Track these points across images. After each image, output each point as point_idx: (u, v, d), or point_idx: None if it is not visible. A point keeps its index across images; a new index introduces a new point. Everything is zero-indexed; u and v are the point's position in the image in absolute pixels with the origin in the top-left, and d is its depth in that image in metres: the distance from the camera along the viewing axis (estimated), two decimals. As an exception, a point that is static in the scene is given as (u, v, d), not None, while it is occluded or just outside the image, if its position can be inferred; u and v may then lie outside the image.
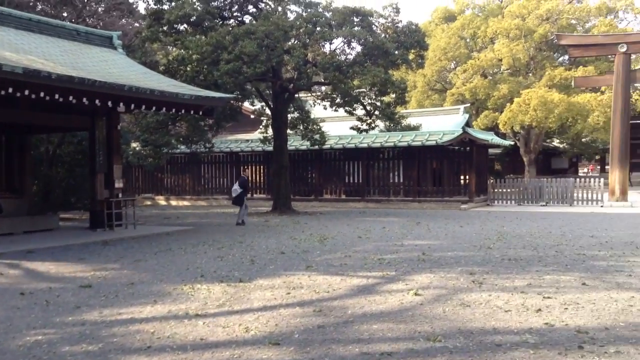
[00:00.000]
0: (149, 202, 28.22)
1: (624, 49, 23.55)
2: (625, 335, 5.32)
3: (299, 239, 12.90)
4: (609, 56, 28.45)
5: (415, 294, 7.15)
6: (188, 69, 19.04)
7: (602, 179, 24.83)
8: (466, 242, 12.18)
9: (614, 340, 5.18)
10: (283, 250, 11.04)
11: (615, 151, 23.88)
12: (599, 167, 52.13)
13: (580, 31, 35.68)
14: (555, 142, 46.18)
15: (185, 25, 19.98)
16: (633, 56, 31.82)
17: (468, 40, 40.13)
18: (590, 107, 31.97)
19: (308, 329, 5.72)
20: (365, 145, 24.63)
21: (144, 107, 15.05)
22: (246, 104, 24.89)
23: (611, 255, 10.03)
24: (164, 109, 15.22)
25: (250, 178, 27.59)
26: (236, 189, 17.45)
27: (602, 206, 22.74)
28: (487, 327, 5.68)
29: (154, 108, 15.39)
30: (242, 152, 27.33)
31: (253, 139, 27.09)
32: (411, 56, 21.21)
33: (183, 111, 15.98)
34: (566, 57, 36.29)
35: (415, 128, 24.55)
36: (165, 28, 19.56)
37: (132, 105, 14.46)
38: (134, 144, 23.25)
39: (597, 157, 49.95)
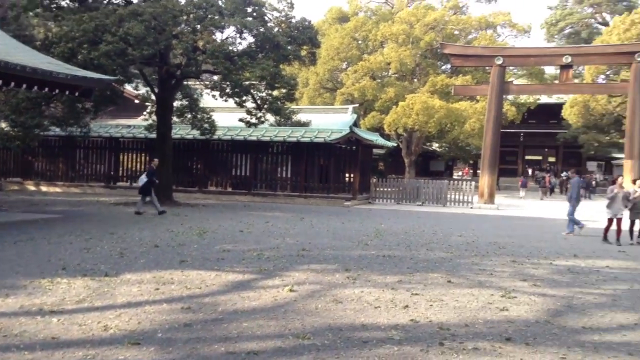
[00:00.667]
0: (16, 187, 26.05)
1: (500, 62, 25.22)
2: (483, 332, 5.59)
3: (176, 231, 12.44)
4: (486, 67, 30.33)
5: (290, 290, 7.09)
6: (68, 46, 17.74)
7: (473, 182, 26.48)
8: (346, 238, 12.39)
9: (472, 336, 5.43)
10: (157, 244, 10.57)
11: (486, 156, 25.52)
12: (471, 170, 55.58)
13: (462, 42, 37.76)
14: (435, 146, 48.60)
15: (67, 1, 18.59)
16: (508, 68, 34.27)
17: (360, 42, 41.09)
18: (467, 114, 33.96)
19: (173, 327, 5.46)
20: (255, 138, 24.39)
21: (13, 84, 13.76)
22: (130, 88, 23.68)
23: (476, 255, 10.64)
24: (36, 87, 13.99)
25: (130, 166, 26.42)
26: (142, 178, 16.97)
27: (471, 207, 24.22)
28: (356, 324, 5.74)
29: (24, 86, 14.10)
30: (122, 138, 25.97)
31: (136, 125, 25.85)
32: (304, 52, 21.26)
33: (57, 91, 14.80)
34: (449, 65, 38.26)
35: (305, 124, 24.67)
36: (46, 1, 18.09)
37: (0, 82, 13.17)
38: (2, 124, 21.32)
39: (471, 161, 53.24)
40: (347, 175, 25.63)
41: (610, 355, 4.97)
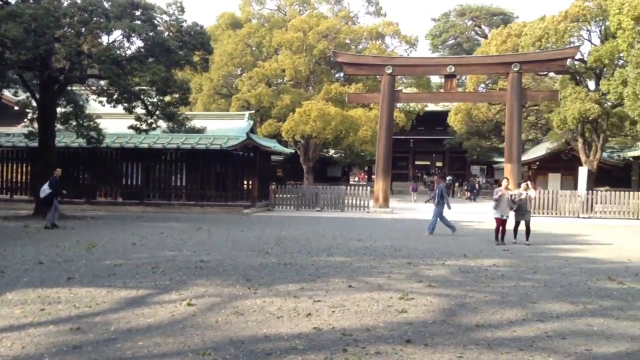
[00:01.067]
0: None
1: (390, 71, 26.12)
2: (384, 335, 5.67)
3: (62, 246, 11.62)
4: (377, 76, 31.30)
5: (189, 304, 6.82)
6: None
7: (369, 187, 27.19)
8: (246, 247, 12.20)
9: (374, 340, 5.49)
10: (42, 260, 9.81)
11: (380, 162, 26.32)
12: (367, 176, 57.19)
13: (354, 51, 38.77)
14: (331, 152, 49.51)
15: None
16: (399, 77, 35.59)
17: (254, 48, 40.96)
18: (361, 121, 34.88)
19: (62, 350, 5.04)
20: (146, 145, 23.47)
21: None
22: (9, 94, 22.00)
23: (374, 258, 10.87)
24: None
25: (10, 177, 24.49)
26: (45, 189, 16.04)
27: (368, 212, 24.86)
28: (259, 335, 5.61)
29: None
30: (1, 147, 24.03)
31: (16, 133, 24.02)
32: (196, 58, 20.81)
33: None
34: (342, 73, 39.11)
35: (200, 131, 24.11)
36: None
37: None
38: None
39: (366, 167, 54.80)
40: (245, 182, 25.38)
41: (503, 352, 5.22)
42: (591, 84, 32.34)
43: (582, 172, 27.75)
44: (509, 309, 6.88)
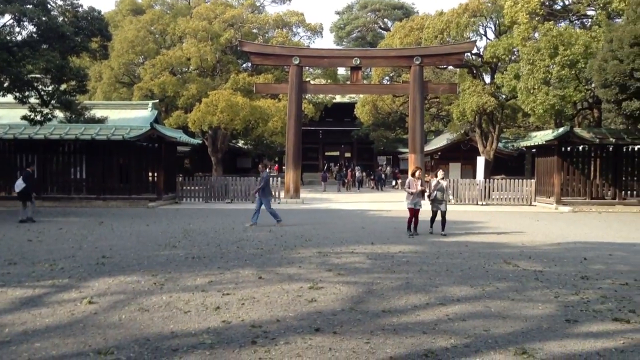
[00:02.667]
0: None
1: (297, 62, 26.18)
2: (294, 325, 5.70)
3: (-53, 246, 10.71)
4: (285, 67, 31.30)
5: (90, 302, 6.52)
6: None
7: (279, 178, 27.18)
8: (151, 241, 11.82)
9: (284, 331, 5.50)
10: None
11: (290, 153, 26.38)
12: (276, 167, 57.18)
13: (261, 40, 38.45)
14: (241, 143, 48.97)
15: None
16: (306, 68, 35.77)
17: (157, 35, 39.55)
18: (270, 112, 34.73)
19: (-55, 360, 4.64)
20: (42, 136, 22.10)
21: None
22: None
23: (285, 249, 10.89)
24: None
25: None
26: (20, 183, 15.82)
27: (279, 203, 24.85)
28: (165, 332, 5.46)
29: None
30: None
31: None
32: (94, 45, 19.82)
33: None
34: (250, 63, 38.74)
35: (101, 121, 23.01)
36: None
37: None
38: None
39: (277, 158, 54.73)
40: (150, 174, 24.53)
41: (408, 336, 5.40)
42: (487, 78, 34.13)
43: (480, 162, 29.29)
44: (413, 294, 7.13)
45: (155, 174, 24.14)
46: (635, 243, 12.50)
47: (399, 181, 41.94)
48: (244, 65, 41.39)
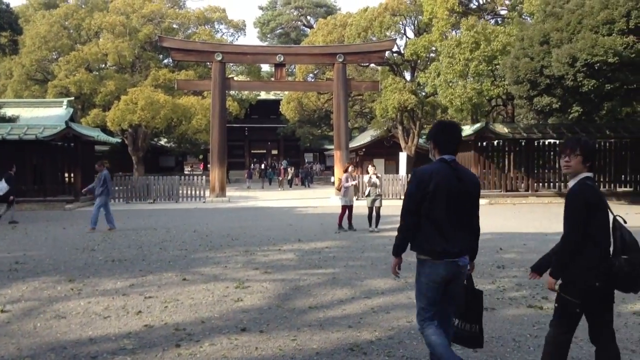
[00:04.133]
0: None
1: (219, 58, 25.80)
2: (219, 326, 5.61)
3: None
4: (208, 63, 30.76)
5: (2, 311, 6.16)
6: None
7: (204, 177, 26.71)
8: (68, 245, 11.30)
9: (209, 332, 5.40)
10: None
11: (214, 151, 25.98)
12: (201, 165, 56.20)
13: (182, 36, 37.64)
14: (163, 141, 47.76)
15: None
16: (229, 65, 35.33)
17: (72, 31, 37.84)
18: (194, 109, 34.06)
19: None
20: (-56, 138, 20.60)
21: None
22: None
23: (210, 249, 10.72)
24: None
25: None
26: (2, 186, 15.51)
27: (204, 202, 24.44)
28: (83, 338, 5.23)
29: None
30: None
31: None
32: (3, 39, 18.69)
33: None
34: (171, 59, 37.81)
35: (12, 120, 21.73)
36: None
37: None
38: None
39: (201, 156, 53.80)
40: (67, 175, 23.43)
41: (334, 330, 5.45)
42: (408, 75, 35.02)
43: (402, 157, 30.01)
44: (339, 288, 7.20)
45: (72, 175, 23.09)
46: (547, 232, 13.20)
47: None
48: (165, 61, 40.37)
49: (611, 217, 3.70)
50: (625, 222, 3.70)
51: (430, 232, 3.93)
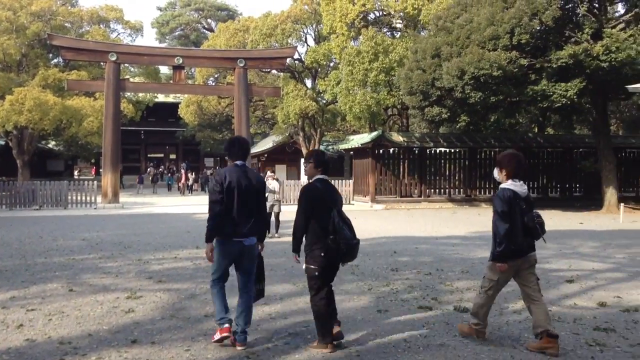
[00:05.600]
0: None
1: (114, 58, 24.78)
2: (108, 339, 5.36)
3: None
4: (102, 63, 29.44)
5: None
6: None
7: (96, 182, 25.44)
8: (-62, 257, 10.32)
9: (96, 346, 5.14)
10: None
11: (107, 155, 24.86)
12: (93, 169, 53.55)
13: (75, 35, 35.73)
14: (52, 144, 45.03)
15: None
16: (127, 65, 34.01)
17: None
18: (85, 111, 32.38)
19: None
20: None
21: None
22: None
23: (101, 257, 10.22)
24: None
25: None
26: None
27: (95, 208, 23.29)
28: (-47, 360, 4.79)
29: None
30: None
31: None
32: None
33: None
34: (61, 58, 35.79)
35: None
36: None
37: None
38: None
39: (93, 160, 51.28)
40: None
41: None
42: (309, 83, 35.49)
43: (304, 163, 30.29)
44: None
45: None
46: (437, 236, 13.86)
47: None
48: (55, 60, 38.13)
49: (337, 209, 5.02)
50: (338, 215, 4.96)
51: (225, 218, 5.05)
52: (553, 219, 19.12)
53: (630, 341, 5.36)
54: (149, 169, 48.97)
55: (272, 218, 13.78)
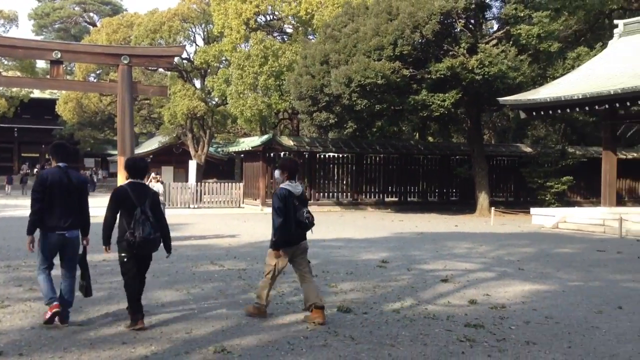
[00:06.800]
0: None
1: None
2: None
3: None
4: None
5: None
6: None
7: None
8: None
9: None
10: None
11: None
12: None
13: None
14: None
15: None
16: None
17: None
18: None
19: None
20: None
21: None
22: None
23: (-38, 265, 9.35)
24: None
25: None
26: None
27: (-42, 211, 21.28)
28: None
29: None
30: None
31: None
32: None
33: None
34: None
35: None
36: None
37: None
38: None
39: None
40: None
41: (106, 348, 5.13)
42: (198, 83, 34.83)
43: (192, 165, 29.70)
44: (114, 304, 6.82)
45: None
46: (325, 239, 14.12)
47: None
48: None
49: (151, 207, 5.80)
50: (145, 212, 5.72)
51: (47, 213, 5.70)
52: (431, 222, 20.23)
53: (497, 336, 5.78)
54: (22, 169, 45.63)
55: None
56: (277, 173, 6.45)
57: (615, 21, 22.51)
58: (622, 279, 9.33)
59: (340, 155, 27.03)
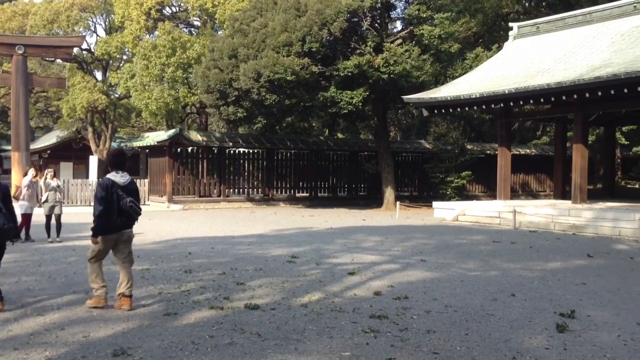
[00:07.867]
0: None
1: None
2: None
3: None
4: None
5: None
6: None
7: None
8: None
9: None
10: None
11: None
12: None
13: None
14: None
15: None
16: None
17: None
18: None
19: None
20: None
21: None
22: None
23: None
24: None
25: None
26: None
27: None
28: None
29: None
30: None
31: None
32: None
33: None
34: None
35: None
36: None
37: None
38: None
39: None
40: None
41: (-6, 356, 4.81)
42: (99, 75, 33.31)
43: (93, 161, 28.38)
44: (5, 308, 6.39)
45: None
46: (234, 236, 14.00)
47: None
48: None
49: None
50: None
51: None
52: (340, 217, 20.59)
53: (399, 326, 5.96)
54: None
55: (53, 220, 12.71)
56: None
57: (511, 24, 23.91)
58: (515, 267, 9.94)
59: (251, 151, 26.86)
